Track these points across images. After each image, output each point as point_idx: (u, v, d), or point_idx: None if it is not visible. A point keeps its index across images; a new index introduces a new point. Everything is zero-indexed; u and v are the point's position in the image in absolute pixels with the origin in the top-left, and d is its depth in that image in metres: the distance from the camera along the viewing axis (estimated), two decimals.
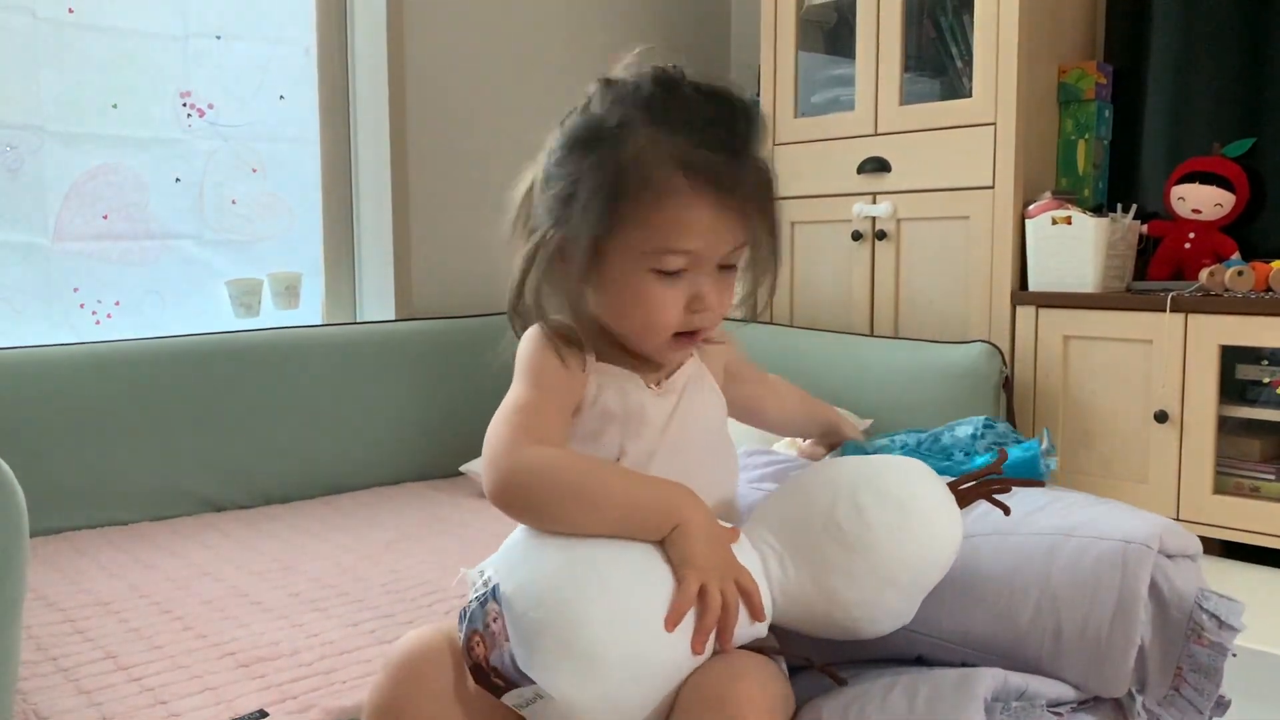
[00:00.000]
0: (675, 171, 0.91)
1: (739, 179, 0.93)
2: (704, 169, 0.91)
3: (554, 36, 2.76)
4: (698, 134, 0.92)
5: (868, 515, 0.94)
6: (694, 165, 0.91)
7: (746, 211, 0.95)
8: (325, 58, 2.50)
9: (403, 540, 1.85)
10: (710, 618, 0.86)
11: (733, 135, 0.94)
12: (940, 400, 2.19)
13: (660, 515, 0.89)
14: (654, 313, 0.95)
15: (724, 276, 0.98)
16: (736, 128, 0.94)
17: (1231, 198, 2.17)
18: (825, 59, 2.70)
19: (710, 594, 0.86)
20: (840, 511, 0.94)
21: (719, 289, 0.97)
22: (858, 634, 0.97)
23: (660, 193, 0.91)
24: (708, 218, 0.92)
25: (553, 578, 0.86)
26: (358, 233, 2.57)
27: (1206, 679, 0.95)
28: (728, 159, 0.92)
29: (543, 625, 0.84)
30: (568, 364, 0.99)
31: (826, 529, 0.94)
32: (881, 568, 0.93)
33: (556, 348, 0.99)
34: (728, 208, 0.93)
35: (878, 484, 0.96)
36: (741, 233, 0.95)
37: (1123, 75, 2.38)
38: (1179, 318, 2.02)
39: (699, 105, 0.94)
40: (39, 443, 1.90)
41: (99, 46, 2.19)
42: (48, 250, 2.16)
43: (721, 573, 0.88)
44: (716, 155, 0.92)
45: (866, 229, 2.47)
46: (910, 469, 0.99)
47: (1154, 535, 0.99)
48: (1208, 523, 1.99)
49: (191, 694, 1.24)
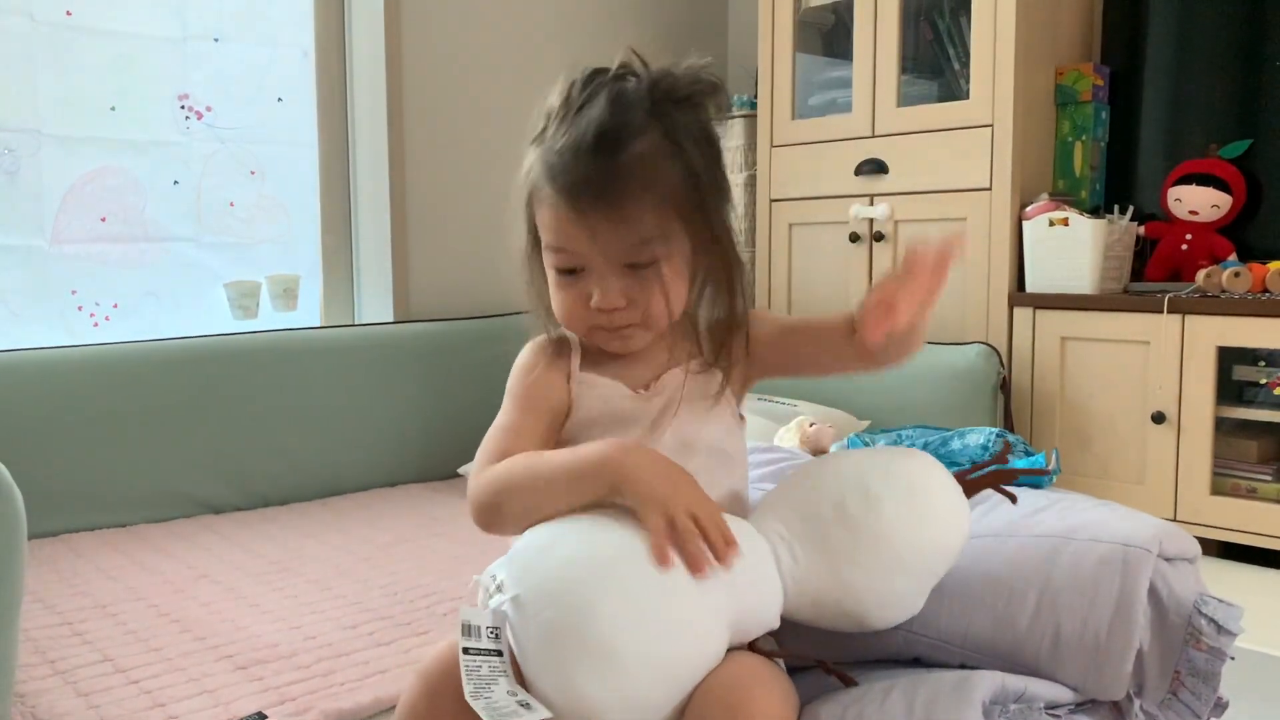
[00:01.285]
0: (545, 176, 0.97)
1: (598, 183, 0.94)
2: (560, 175, 0.95)
3: (551, 40, 2.77)
4: (568, 140, 0.95)
5: (877, 503, 0.94)
6: (554, 171, 0.96)
7: (624, 212, 0.95)
8: (323, 60, 2.50)
9: (401, 542, 1.85)
10: (691, 543, 0.87)
11: (597, 142, 0.94)
12: (938, 401, 2.20)
13: (598, 468, 0.91)
14: (561, 308, 1.01)
15: (637, 276, 0.97)
16: (603, 135, 0.94)
17: (1228, 199, 2.18)
18: (823, 61, 2.70)
19: (678, 521, 0.87)
20: (850, 499, 0.95)
21: (625, 289, 0.97)
22: (867, 623, 0.97)
23: (539, 198, 0.98)
24: (571, 221, 0.96)
25: (566, 577, 0.86)
26: (356, 235, 2.57)
27: (1204, 683, 0.95)
28: (587, 165, 0.94)
29: (558, 625, 0.84)
30: (551, 377, 1.04)
31: (837, 517, 0.94)
32: (891, 554, 0.94)
33: (542, 361, 1.05)
34: (592, 209, 0.95)
35: (887, 472, 0.96)
36: (627, 233, 0.95)
37: (1120, 77, 2.39)
38: (1176, 319, 2.02)
39: (586, 111, 0.96)
40: (37, 445, 1.90)
41: (97, 49, 2.19)
42: (46, 253, 2.16)
43: (677, 501, 0.89)
44: (576, 161, 0.95)
45: (864, 231, 2.48)
46: (918, 459, 1.00)
47: (1153, 539, 0.99)
48: (1205, 523, 1.99)
49: (190, 696, 1.24)
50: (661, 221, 0.96)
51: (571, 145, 0.95)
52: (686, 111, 0.98)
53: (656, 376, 1.04)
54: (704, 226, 0.98)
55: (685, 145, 0.97)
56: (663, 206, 0.96)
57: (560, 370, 1.04)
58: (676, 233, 0.97)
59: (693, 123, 0.98)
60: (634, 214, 0.95)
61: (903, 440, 1.89)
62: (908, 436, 1.91)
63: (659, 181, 0.96)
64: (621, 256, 0.96)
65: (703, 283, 1.02)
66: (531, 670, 0.85)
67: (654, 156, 0.95)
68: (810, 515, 0.96)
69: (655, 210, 0.95)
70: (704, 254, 1.00)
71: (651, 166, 0.95)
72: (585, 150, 0.94)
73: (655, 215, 0.95)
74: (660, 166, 0.96)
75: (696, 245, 0.99)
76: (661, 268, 0.98)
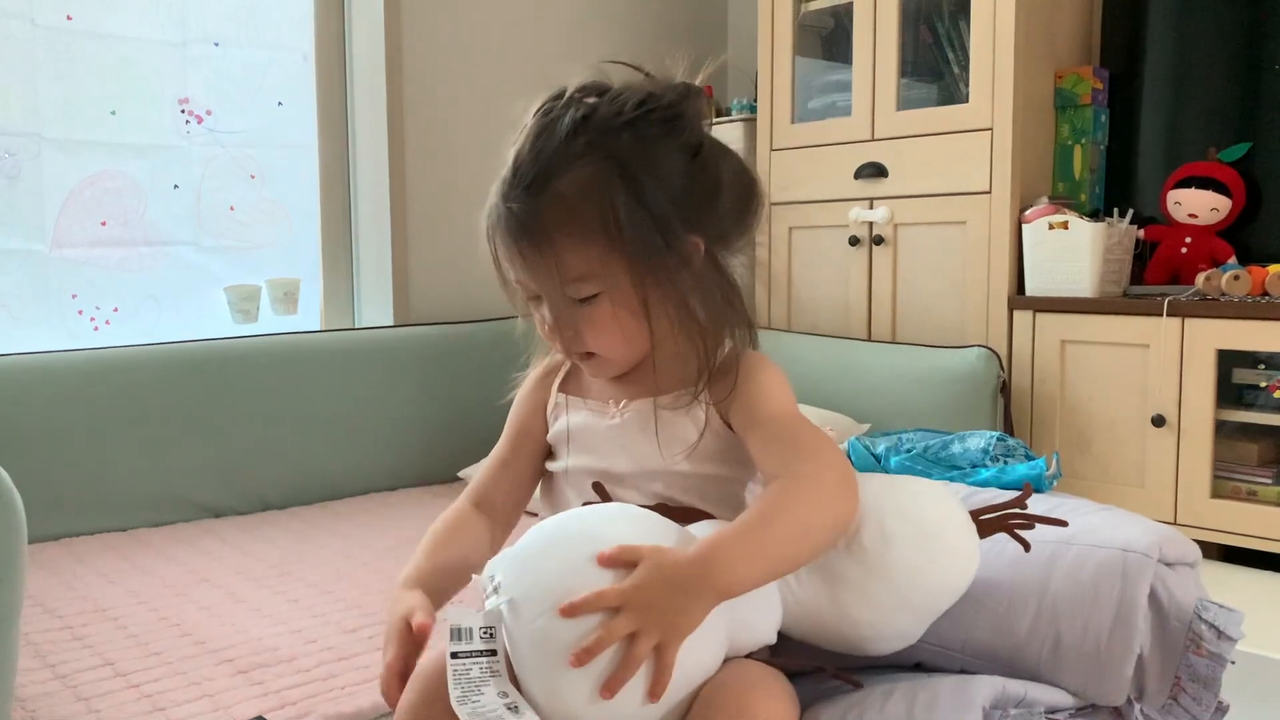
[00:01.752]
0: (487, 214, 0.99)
1: (518, 222, 0.95)
2: (491, 211, 0.98)
3: (551, 43, 2.77)
4: (502, 175, 0.98)
5: (892, 540, 0.93)
6: (488, 206, 0.99)
7: (550, 250, 0.93)
8: (323, 64, 2.50)
9: (401, 546, 1.85)
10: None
11: (520, 180, 0.95)
12: (938, 405, 2.20)
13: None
14: (541, 333, 1.03)
15: (583, 308, 0.97)
16: (531, 170, 0.94)
17: (1228, 202, 2.18)
18: (822, 65, 2.70)
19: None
20: (865, 533, 0.94)
21: (575, 320, 0.97)
22: (863, 651, 0.97)
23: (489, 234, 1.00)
24: (505, 257, 0.98)
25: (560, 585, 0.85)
26: (356, 238, 2.57)
27: (1205, 689, 0.95)
28: (510, 200, 0.96)
29: (550, 633, 0.83)
30: (534, 401, 1.10)
31: (848, 547, 0.94)
32: (897, 591, 0.93)
33: (531, 386, 1.11)
34: (516, 245, 0.96)
35: (905, 509, 0.95)
36: (557, 269, 0.94)
37: (1119, 80, 2.39)
38: (1176, 322, 2.02)
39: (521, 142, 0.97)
40: (37, 449, 1.90)
41: (97, 53, 2.19)
42: (46, 257, 2.16)
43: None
44: (501, 198, 0.97)
45: (864, 234, 2.48)
46: (938, 496, 0.99)
47: (1154, 544, 0.99)
48: (1205, 527, 1.99)
49: (190, 700, 1.24)
50: (591, 258, 0.93)
51: (500, 181, 0.97)
52: (636, 134, 0.94)
53: (630, 399, 1.03)
54: (641, 261, 0.93)
55: (630, 174, 0.93)
56: (589, 244, 0.93)
57: (543, 392, 1.10)
58: (616, 267, 0.94)
59: (642, 146, 0.94)
60: (560, 252, 0.93)
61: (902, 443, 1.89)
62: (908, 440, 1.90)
63: (581, 220, 0.93)
64: (560, 291, 0.95)
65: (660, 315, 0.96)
66: (523, 674, 0.85)
67: (577, 195, 0.93)
68: None
69: (580, 249, 0.93)
70: (652, 287, 0.95)
71: (572, 206, 0.93)
72: (506, 186, 0.96)
73: (581, 254, 0.93)
74: (585, 204, 0.93)
75: (635, 280, 0.94)
76: (604, 301, 0.96)
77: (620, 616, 0.80)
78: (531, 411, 1.10)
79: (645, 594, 0.80)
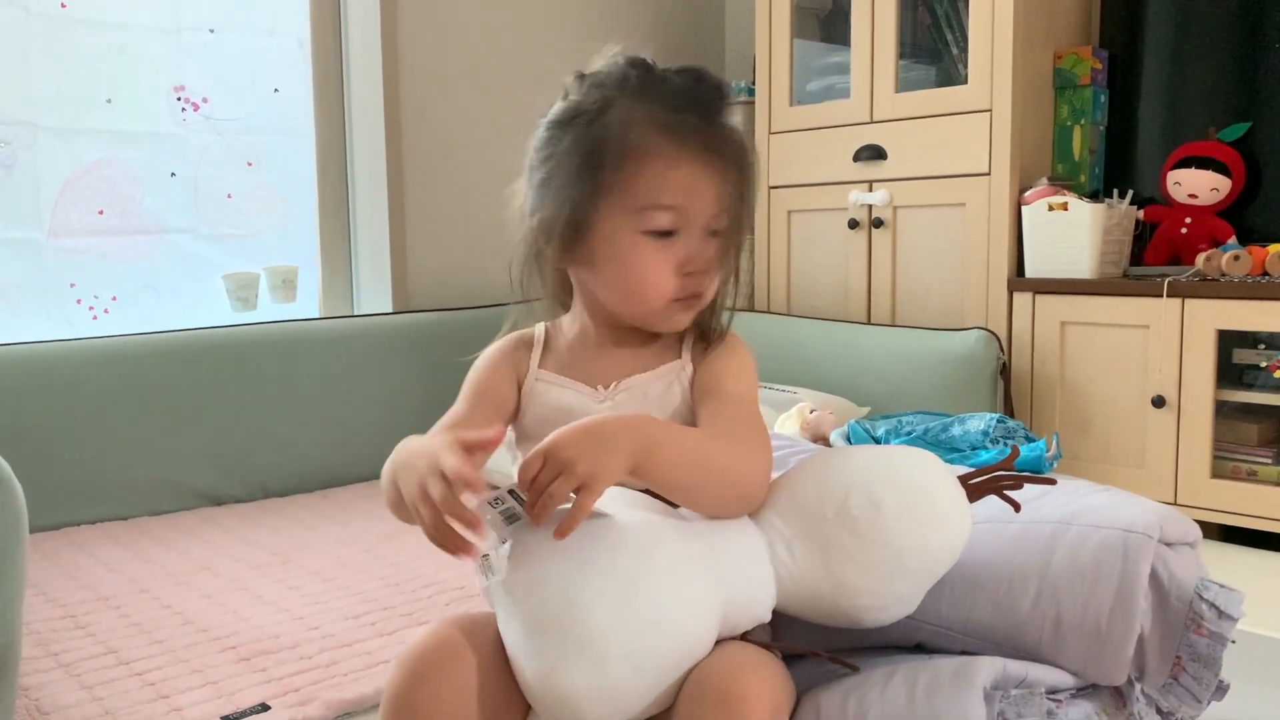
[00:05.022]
0: (655, 134, 0.95)
1: (718, 139, 0.97)
2: (684, 129, 0.95)
3: (548, 28, 2.76)
4: (674, 101, 0.96)
5: (882, 506, 0.93)
6: (673, 127, 0.95)
7: (727, 174, 0.97)
8: (319, 50, 2.49)
9: (402, 532, 1.85)
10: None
11: (709, 103, 0.98)
12: (938, 387, 2.20)
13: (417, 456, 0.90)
14: (648, 275, 0.97)
15: (712, 242, 0.99)
16: (711, 98, 0.98)
17: (1228, 182, 2.17)
18: (820, 47, 2.69)
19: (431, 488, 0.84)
20: (854, 501, 0.94)
21: (708, 256, 0.99)
22: (862, 622, 0.97)
23: (642, 156, 0.95)
24: (690, 175, 0.96)
25: (551, 568, 0.86)
26: (354, 225, 2.57)
27: (1205, 668, 0.96)
28: (706, 122, 0.97)
29: (541, 615, 0.84)
30: (505, 373, 1.06)
31: (839, 518, 0.94)
32: (892, 558, 0.93)
33: (500, 358, 1.07)
34: (709, 165, 0.96)
35: (893, 475, 0.96)
36: (725, 194, 0.97)
37: (1118, 60, 2.38)
38: (1176, 303, 2.02)
39: (673, 79, 0.98)
40: (37, 438, 1.90)
41: (92, 41, 2.18)
42: (44, 246, 2.15)
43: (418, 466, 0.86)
44: (695, 118, 0.96)
45: (863, 217, 2.47)
46: (924, 461, 0.99)
47: (1154, 524, 0.99)
48: (1205, 507, 1.99)
49: (193, 688, 1.24)
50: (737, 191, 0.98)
51: (696, 106, 0.96)
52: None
53: (619, 378, 1.03)
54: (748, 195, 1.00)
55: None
56: (745, 174, 0.99)
57: (517, 367, 1.06)
58: (737, 210, 0.99)
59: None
60: (729, 175, 0.97)
61: (903, 426, 1.89)
62: (908, 422, 1.91)
63: (744, 150, 0.99)
64: (709, 218, 0.97)
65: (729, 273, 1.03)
66: (515, 655, 0.86)
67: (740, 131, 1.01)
68: (812, 514, 0.95)
69: (740, 177, 0.98)
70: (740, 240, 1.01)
71: (743, 137, 1.00)
72: (704, 103, 0.97)
73: (738, 182, 0.98)
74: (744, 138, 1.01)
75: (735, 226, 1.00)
76: (724, 241, 1.00)
77: (544, 469, 0.83)
78: (502, 377, 1.06)
79: (563, 446, 0.83)
